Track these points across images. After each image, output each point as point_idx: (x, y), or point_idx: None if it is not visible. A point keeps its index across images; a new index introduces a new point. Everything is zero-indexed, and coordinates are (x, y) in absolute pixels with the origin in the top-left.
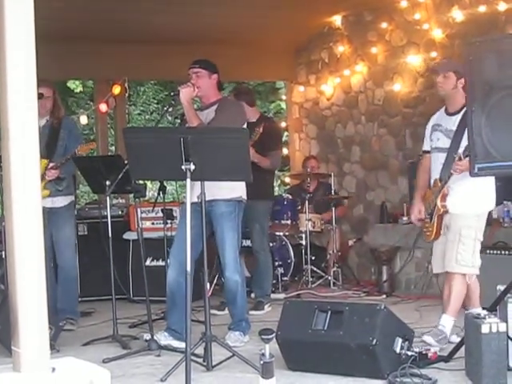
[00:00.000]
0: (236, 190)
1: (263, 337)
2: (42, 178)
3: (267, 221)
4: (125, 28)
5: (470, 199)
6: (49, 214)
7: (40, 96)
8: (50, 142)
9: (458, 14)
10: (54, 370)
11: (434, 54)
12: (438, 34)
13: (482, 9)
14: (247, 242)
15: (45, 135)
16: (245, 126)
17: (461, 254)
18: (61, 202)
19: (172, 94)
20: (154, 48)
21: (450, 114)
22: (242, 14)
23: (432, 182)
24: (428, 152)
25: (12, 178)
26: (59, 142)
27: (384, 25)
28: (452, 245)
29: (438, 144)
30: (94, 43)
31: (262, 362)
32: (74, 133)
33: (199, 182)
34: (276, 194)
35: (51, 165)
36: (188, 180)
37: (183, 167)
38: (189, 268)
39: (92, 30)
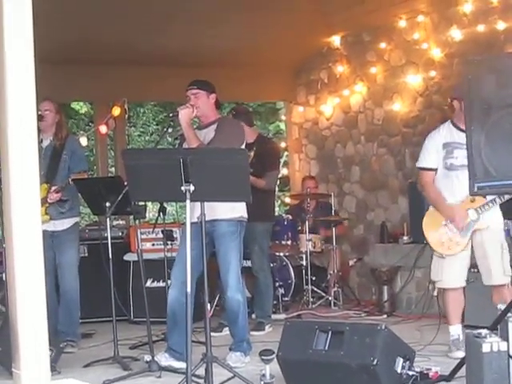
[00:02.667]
0: (236, 209)
1: (263, 357)
2: (43, 202)
3: (267, 242)
4: (124, 50)
5: (499, 214)
6: (52, 237)
7: (39, 117)
8: (52, 164)
9: (456, 34)
10: None
11: (433, 74)
12: (436, 53)
13: (481, 28)
14: (248, 263)
15: (47, 157)
16: (243, 145)
17: (506, 265)
18: (64, 224)
19: (171, 115)
20: (153, 69)
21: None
22: (242, 35)
23: (453, 196)
24: (432, 170)
25: (12, 201)
26: (61, 163)
27: (383, 45)
28: (495, 258)
29: (464, 161)
30: (94, 65)
31: (262, 383)
32: (78, 154)
33: (199, 203)
34: (276, 214)
35: (53, 188)
36: (188, 201)
37: (183, 188)
38: (189, 289)
39: (91, 52)
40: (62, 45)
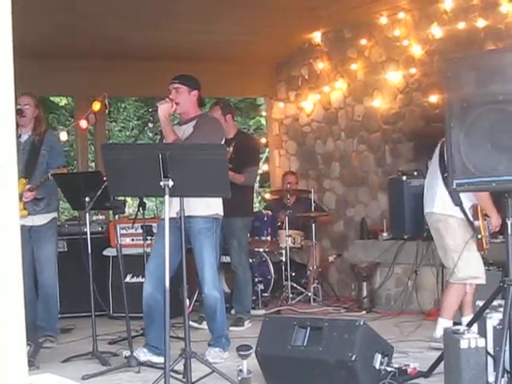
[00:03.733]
0: (212, 206)
1: (241, 353)
2: (20, 197)
3: (246, 237)
4: (105, 44)
5: None
6: (29, 232)
7: (19, 112)
8: (31, 159)
9: (437, 31)
10: None
11: (413, 71)
12: (417, 50)
13: (461, 25)
14: (227, 259)
15: (25, 152)
16: (222, 142)
17: None
18: (41, 220)
19: (150, 110)
20: (134, 64)
21: None
22: (223, 31)
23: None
24: None
25: None
26: (39, 158)
27: (363, 41)
28: None
29: None
30: (74, 60)
31: (239, 378)
32: (56, 149)
33: (177, 198)
34: (256, 210)
35: (28, 186)
36: (166, 196)
37: (162, 183)
38: (167, 284)
39: (72, 47)
40: (42, 38)
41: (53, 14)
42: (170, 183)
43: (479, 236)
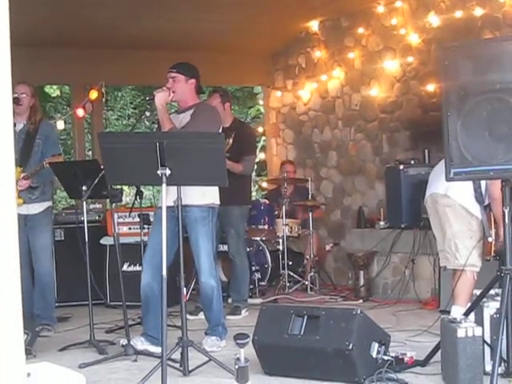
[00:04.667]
0: (207, 195)
1: (238, 341)
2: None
3: (243, 226)
4: (101, 33)
5: None
6: (25, 220)
7: (15, 100)
8: (26, 148)
9: (434, 19)
10: (29, 375)
11: (410, 59)
12: (414, 39)
13: (459, 14)
14: (224, 247)
15: (20, 140)
16: (220, 131)
17: None
18: (36, 208)
19: (147, 98)
20: (131, 53)
21: None
22: (221, 20)
23: None
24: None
25: None
26: (34, 147)
27: (361, 30)
28: None
29: None
30: (71, 48)
31: (236, 367)
32: (51, 138)
33: (174, 187)
34: (253, 199)
35: (22, 175)
36: (164, 185)
37: (159, 172)
38: (164, 273)
39: (68, 36)
40: (38, 27)
41: (50, 3)
42: (168, 172)
43: (490, 239)
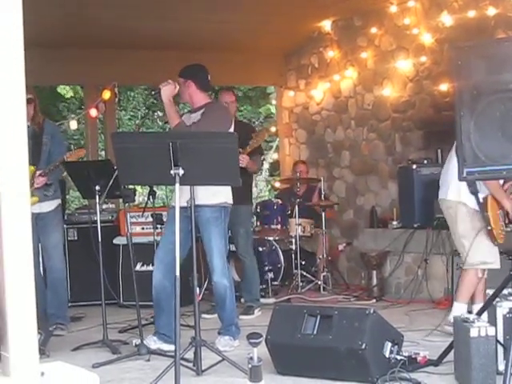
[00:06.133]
0: (219, 195)
1: (251, 341)
2: (30, 184)
3: (251, 225)
4: (115, 33)
5: None
6: (36, 219)
7: (29, 101)
8: (34, 148)
9: (447, 19)
10: (42, 374)
11: (423, 59)
12: (427, 38)
13: (472, 13)
14: (232, 247)
15: (28, 141)
16: (231, 130)
17: None
18: (48, 206)
19: (153, 92)
20: (143, 53)
21: None
22: (233, 20)
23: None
24: None
25: (1, 183)
26: (43, 147)
27: (374, 30)
28: None
29: None
30: (84, 49)
31: (250, 366)
32: (57, 137)
33: (187, 187)
34: (266, 198)
35: (39, 172)
36: (177, 185)
37: (172, 172)
38: (177, 272)
39: (81, 36)
40: (51, 28)
41: (62, 4)
42: (181, 172)
43: (488, 228)
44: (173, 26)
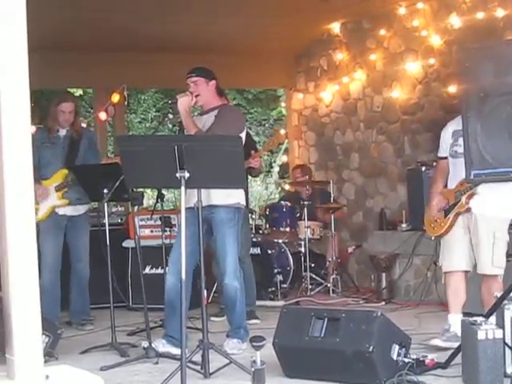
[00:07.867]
0: (233, 196)
1: (254, 344)
2: (62, 187)
3: (249, 228)
4: (124, 36)
5: (506, 203)
6: (67, 221)
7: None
8: (70, 153)
9: (456, 21)
10: (47, 377)
11: (432, 61)
12: (436, 40)
13: (480, 15)
14: None
15: (66, 145)
16: (244, 133)
17: (496, 257)
18: (81, 209)
19: (170, 102)
20: (153, 56)
21: None
22: (242, 23)
23: (456, 182)
24: (445, 158)
25: (6, 186)
26: (80, 152)
27: (382, 32)
28: (486, 247)
29: None
30: (93, 52)
31: (253, 369)
32: (93, 145)
33: (196, 189)
34: (275, 201)
35: None
36: (183, 188)
37: (178, 175)
38: (184, 276)
39: (91, 39)
40: (61, 30)
41: (72, 7)
42: (186, 175)
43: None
44: (183, 29)
